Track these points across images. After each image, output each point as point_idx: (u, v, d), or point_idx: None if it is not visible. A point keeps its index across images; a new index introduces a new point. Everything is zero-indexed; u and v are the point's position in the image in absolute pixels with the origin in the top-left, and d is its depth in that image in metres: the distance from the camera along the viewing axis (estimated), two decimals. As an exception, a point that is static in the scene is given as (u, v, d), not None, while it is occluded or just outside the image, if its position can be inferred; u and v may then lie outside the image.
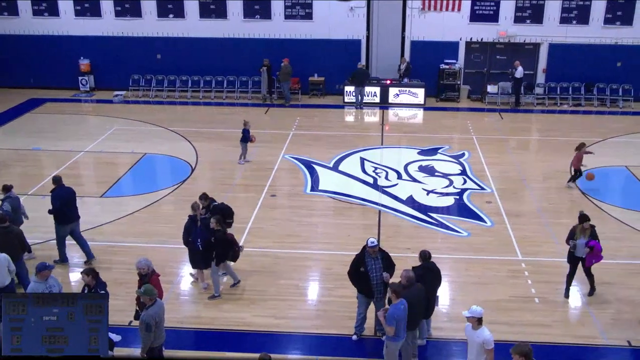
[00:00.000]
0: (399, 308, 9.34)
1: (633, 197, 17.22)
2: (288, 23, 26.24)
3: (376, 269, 10.51)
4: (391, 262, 10.73)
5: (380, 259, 10.56)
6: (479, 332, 8.86)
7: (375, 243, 10.51)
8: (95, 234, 14.73)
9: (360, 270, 10.54)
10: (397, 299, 9.38)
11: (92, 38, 26.99)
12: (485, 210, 16.17)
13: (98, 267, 10.36)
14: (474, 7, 25.71)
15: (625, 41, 25.47)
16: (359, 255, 10.68)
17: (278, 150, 20.27)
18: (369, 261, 10.52)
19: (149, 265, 10.09)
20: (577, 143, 17.89)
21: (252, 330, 11.27)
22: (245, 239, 14.54)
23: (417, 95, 25.72)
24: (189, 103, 26.34)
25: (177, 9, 26.47)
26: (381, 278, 10.50)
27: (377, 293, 10.65)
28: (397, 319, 9.29)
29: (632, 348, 10.91)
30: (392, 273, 10.67)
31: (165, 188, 17.48)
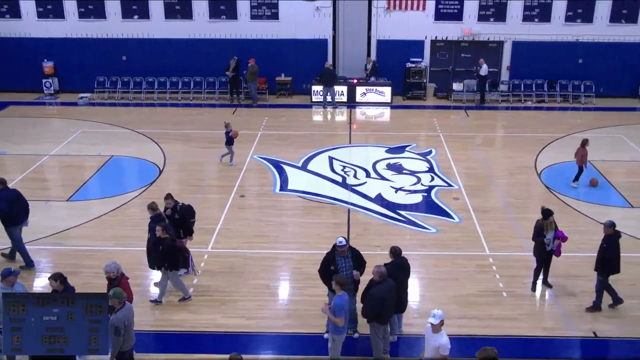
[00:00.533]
0: (344, 299, 9.53)
1: (596, 191, 17.57)
2: (254, 23, 26.20)
3: (346, 267, 10.58)
4: (362, 260, 10.81)
5: (350, 257, 10.63)
6: (438, 337, 8.92)
7: (344, 242, 10.57)
8: (62, 238, 14.57)
9: (330, 269, 10.60)
10: (341, 291, 9.58)
11: (56, 40, 26.60)
12: (453, 206, 16.36)
13: (66, 272, 10.23)
14: (439, 6, 25.97)
15: (585, 38, 25.97)
16: (329, 253, 10.75)
17: (246, 151, 20.23)
18: (338, 260, 10.59)
19: (118, 269, 10.03)
20: (542, 138, 18.18)
21: (223, 331, 11.26)
22: (215, 239, 14.52)
23: (383, 94, 25.90)
24: (156, 105, 26.15)
25: (142, 10, 26.23)
26: (351, 276, 10.58)
27: (348, 291, 10.71)
28: (345, 310, 9.46)
29: (597, 339, 11.16)
30: (362, 271, 10.76)
31: (133, 191, 17.34)
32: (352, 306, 10.97)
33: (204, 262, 13.53)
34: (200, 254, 13.79)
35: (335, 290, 9.72)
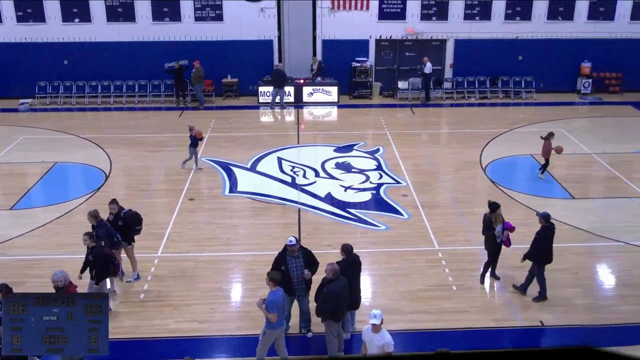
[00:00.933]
0: (278, 295, 9.66)
1: (538, 184, 18.06)
2: (198, 25, 26.01)
3: (297, 267, 10.64)
4: (313, 259, 10.87)
5: (301, 257, 10.68)
6: (380, 336, 9.02)
7: (294, 242, 10.61)
8: (5, 248, 14.21)
9: (281, 269, 10.64)
10: (275, 287, 9.71)
11: (-7, 45, 25.92)
12: (402, 203, 16.59)
13: (11, 282, 10.00)
14: (382, 6, 26.27)
15: (525, 35, 26.66)
16: (281, 254, 10.79)
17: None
18: (289, 260, 10.64)
19: (65, 277, 9.85)
20: (486, 134, 18.62)
21: (176, 336, 11.17)
22: (165, 244, 14.38)
23: (330, 94, 26.05)
24: (100, 109, 25.70)
25: (83, 13, 25.72)
26: (302, 276, 10.63)
27: (299, 291, 10.80)
28: (278, 306, 9.56)
29: (544, 328, 11.49)
30: (314, 270, 10.83)
31: (79, 197, 17.02)
32: (305, 306, 11.04)
33: (154, 267, 13.39)
34: (150, 259, 13.65)
35: (269, 286, 9.79)
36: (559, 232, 14.65)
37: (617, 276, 13.27)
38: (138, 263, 13.31)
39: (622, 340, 11.14)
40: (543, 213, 12.19)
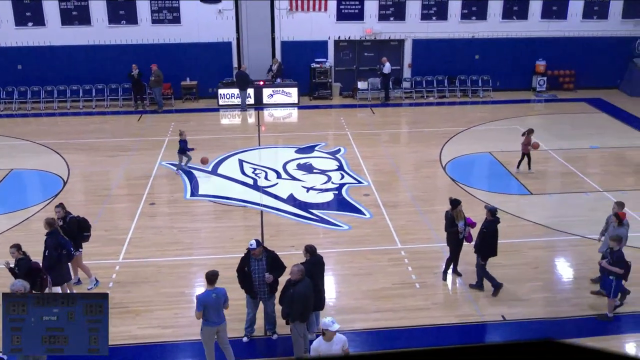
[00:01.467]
0: (210, 295, 9.80)
1: (497, 181, 18.36)
2: (156, 28, 25.73)
3: (259, 270, 10.60)
4: (278, 263, 10.81)
5: (264, 260, 10.65)
6: (337, 339, 9.00)
7: (254, 246, 10.54)
8: (-39, 258, 13.83)
9: (244, 270, 10.64)
10: (209, 286, 9.88)
11: (-57, 50, 25.24)
12: (364, 203, 16.68)
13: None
14: (340, 7, 26.38)
15: (481, 35, 27.07)
16: (245, 256, 10.77)
17: (154, 157, 19.87)
18: (252, 262, 10.61)
19: (25, 287, 9.66)
20: (445, 133, 18.85)
21: (140, 342, 11.04)
22: (126, 249, 14.21)
23: (290, 95, 26.04)
24: (57, 114, 25.24)
25: (37, 17, 25.21)
26: (263, 279, 10.60)
27: (261, 294, 10.76)
28: (205, 305, 9.75)
29: (506, 322, 11.68)
30: (279, 274, 10.78)
31: (36, 204, 16.69)
32: (269, 308, 11.02)
33: (115, 274, 13.21)
34: (111, 265, 13.47)
35: (205, 286, 10.01)
36: (519, 227, 14.99)
37: (575, 269, 13.58)
38: (99, 270, 13.14)
39: (581, 332, 11.40)
40: (491, 207, 12.45)
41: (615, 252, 11.25)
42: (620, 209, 12.42)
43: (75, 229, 12.46)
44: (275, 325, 11.15)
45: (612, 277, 11.30)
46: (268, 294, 10.80)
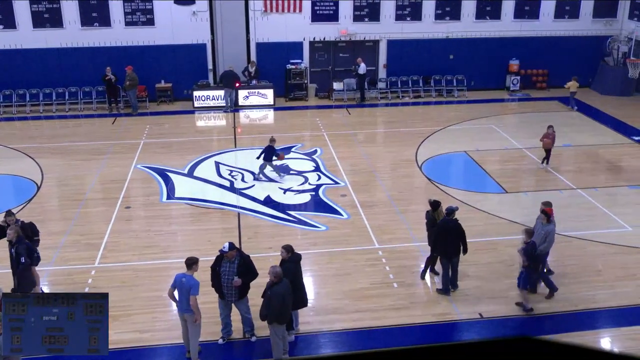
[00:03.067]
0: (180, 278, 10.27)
1: (472, 180, 18.52)
2: (129, 30, 25.51)
3: (229, 272, 10.58)
4: (251, 268, 10.75)
5: (236, 263, 10.60)
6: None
7: (226, 249, 10.53)
8: None
9: (215, 270, 10.71)
10: (187, 271, 10.25)
11: None
12: (341, 203, 16.71)
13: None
14: (315, 8, 26.40)
15: (455, 35, 27.27)
16: (218, 256, 10.79)
17: (129, 161, 19.71)
18: (224, 263, 10.63)
19: (-2, 291, 9.54)
20: (421, 132, 19.00)
21: (117, 347, 10.93)
22: (102, 254, 14.07)
23: (266, 96, 26.00)
24: (29, 118, 24.92)
25: (7, 20, 24.84)
26: (232, 281, 10.57)
27: (229, 296, 10.73)
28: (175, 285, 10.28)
29: (483, 320, 11.79)
30: (250, 279, 10.74)
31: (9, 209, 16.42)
32: (243, 310, 10.98)
33: (91, 278, 13.09)
34: (87, 270, 13.35)
35: None
36: (494, 225, 15.12)
37: (550, 266, 13.72)
38: (74, 275, 13.04)
39: (557, 329, 11.54)
40: (449, 206, 12.52)
41: (527, 245, 11.56)
42: (546, 205, 12.61)
43: (29, 234, 12.25)
44: (253, 328, 11.11)
45: (522, 268, 11.70)
46: (237, 297, 10.73)
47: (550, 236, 12.10)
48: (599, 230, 15.18)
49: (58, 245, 14.44)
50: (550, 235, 12.10)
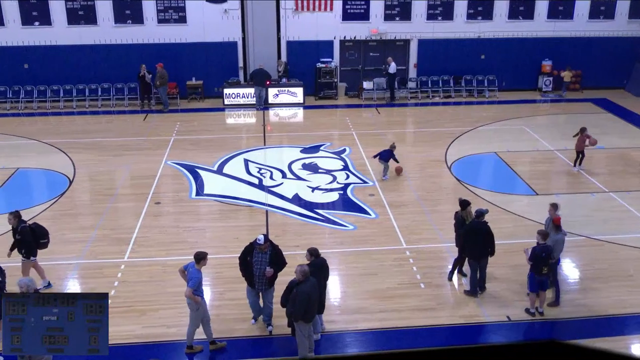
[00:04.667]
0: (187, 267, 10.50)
1: (502, 181, 18.33)
2: (161, 27, 25.77)
3: (261, 262, 10.83)
4: (280, 259, 11.03)
5: (268, 254, 10.83)
6: None
7: (261, 241, 10.78)
8: (-33, 257, 13.89)
9: (247, 260, 10.90)
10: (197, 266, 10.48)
11: (-50, 49, 25.32)
12: (369, 203, 16.67)
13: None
14: (346, 7, 26.36)
15: (487, 35, 27.01)
16: (249, 245, 11.04)
17: (160, 157, 19.91)
18: (256, 254, 10.87)
19: (27, 285, 9.69)
20: (451, 132, 18.84)
21: (144, 342, 11.07)
22: (132, 249, 14.23)
23: (296, 95, 26.05)
24: (62, 113, 25.30)
25: (43, 16, 25.28)
26: (264, 271, 10.79)
27: (259, 285, 10.98)
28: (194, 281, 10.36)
29: (511, 322, 11.66)
30: (279, 269, 10.99)
31: (42, 203, 16.73)
32: (267, 300, 11.21)
33: (121, 273, 13.24)
34: (116, 265, 13.51)
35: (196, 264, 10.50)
36: (523, 227, 14.94)
37: (580, 270, 13.55)
38: (104, 269, 13.21)
39: (586, 333, 11.37)
40: (478, 209, 12.38)
41: (538, 246, 11.42)
42: (554, 210, 12.34)
43: (29, 239, 12.33)
44: (271, 317, 11.35)
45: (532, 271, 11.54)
46: (266, 286, 10.98)
47: (558, 245, 11.91)
48: (630, 234, 14.92)
49: (88, 239, 14.63)
50: (558, 244, 11.90)
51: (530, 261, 11.45)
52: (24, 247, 12.32)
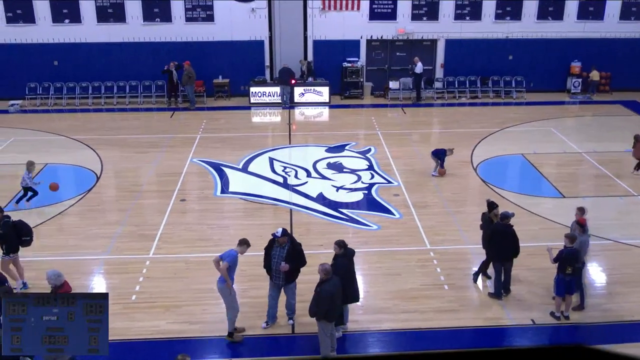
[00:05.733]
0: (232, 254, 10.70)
1: (528, 183, 18.16)
2: (189, 26, 25.95)
3: (278, 256, 10.99)
4: (298, 254, 11.09)
5: (285, 249, 10.95)
6: None
7: (279, 234, 10.93)
8: (-4, 250, 14.10)
9: (268, 252, 11.16)
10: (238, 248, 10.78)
11: (-18, 46, 25.75)
12: (393, 203, 16.62)
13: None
14: (373, 6, 26.30)
15: (515, 35, 26.76)
16: (271, 240, 11.24)
17: (185, 155, 20.05)
18: (275, 247, 11.05)
19: (57, 276, 9.83)
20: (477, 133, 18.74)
21: (168, 337, 11.15)
22: (157, 245, 14.34)
23: (321, 94, 26.06)
24: (91, 110, 25.61)
25: (73, 14, 25.61)
26: (280, 266, 10.93)
27: (276, 279, 11.13)
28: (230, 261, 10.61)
29: (536, 326, 11.54)
30: (295, 266, 11.01)
31: (70, 199, 16.93)
32: (287, 295, 11.32)
33: (145, 269, 13.35)
34: (141, 260, 13.63)
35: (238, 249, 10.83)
36: (550, 230, 14.77)
37: (608, 274, 13.37)
38: (129, 265, 13.35)
39: (613, 338, 11.21)
40: (504, 212, 12.27)
41: (565, 249, 11.28)
42: (581, 214, 12.19)
43: (11, 234, 12.32)
44: (293, 313, 11.44)
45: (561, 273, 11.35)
46: (284, 281, 11.09)
47: (584, 247, 11.75)
48: (660, 239, 14.67)
49: (114, 235, 14.78)
50: (584, 246, 11.74)
51: (554, 261, 11.32)
52: (5, 243, 12.32)
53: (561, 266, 11.25)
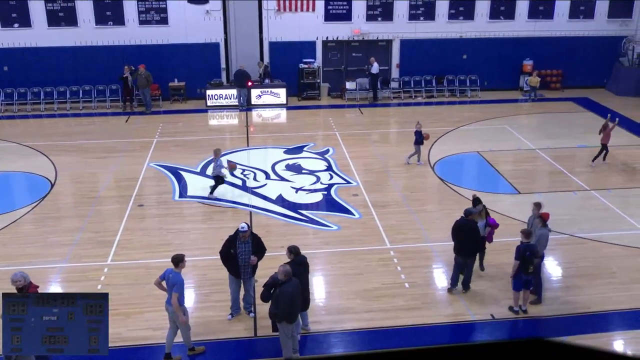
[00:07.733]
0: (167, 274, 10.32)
1: (485, 180, 18.44)
2: (143, 28, 25.63)
3: (245, 252, 11.14)
4: (261, 246, 11.41)
5: (250, 242, 11.15)
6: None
7: (246, 228, 11.11)
8: (-52, 261, 13.73)
9: (230, 252, 11.15)
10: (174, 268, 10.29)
11: None
12: (353, 203, 16.69)
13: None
14: (328, 7, 26.39)
15: (468, 35, 27.17)
16: (232, 236, 11.27)
17: (142, 159, 19.80)
18: (239, 244, 11.14)
19: (24, 277, 9.65)
20: (433, 132, 18.98)
21: (130, 345, 11.00)
22: (115, 251, 14.14)
23: (279, 96, 26.02)
24: (43, 116, 25.09)
25: (22, 18, 25.04)
26: (248, 260, 11.12)
27: (244, 274, 11.30)
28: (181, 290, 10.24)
29: (495, 321, 11.73)
30: (260, 257, 11.33)
31: (24, 207, 16.57)
32: (249, 288, 11.49)
33: (104, 276, 13.15)
34: (99, 268, 13.41)
35: None
36: (507, 227, 15.02)
37: (564, 268, 13.67)
38: (87, 272, 13.13)
39: (570, 331, 11.46)
40: (468, 208, 12.53)
41: (522, 245, 11.49)
42: (538, 210, 12.48)
43: None
44: (252, 305, 11.65)
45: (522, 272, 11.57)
46: (251, 274, 11.36)
47: (542, 240, 12.00)
48: (613, 232, 15.08)
49: (72, 242, 14.52)
50: (542, 238, 11.99)
51: (516, 260, 11.51)
52: None
53: (523, 265, 11.43)
